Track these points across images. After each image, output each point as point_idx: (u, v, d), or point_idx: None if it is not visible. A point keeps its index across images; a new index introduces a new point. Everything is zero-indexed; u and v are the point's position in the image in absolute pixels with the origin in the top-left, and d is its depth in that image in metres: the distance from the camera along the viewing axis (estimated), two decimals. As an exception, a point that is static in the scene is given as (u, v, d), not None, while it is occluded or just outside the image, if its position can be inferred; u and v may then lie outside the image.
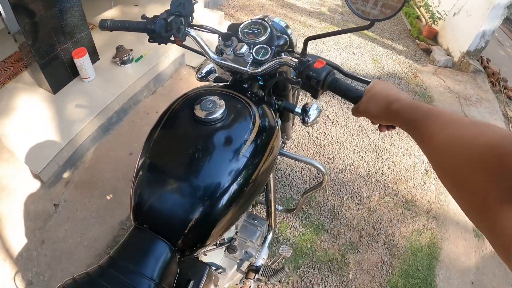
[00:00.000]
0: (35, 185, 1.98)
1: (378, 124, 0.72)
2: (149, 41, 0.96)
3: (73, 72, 2.34)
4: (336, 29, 3.91)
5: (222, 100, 0.83)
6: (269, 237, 1.42)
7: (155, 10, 3.21)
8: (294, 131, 2.48)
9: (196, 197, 0.73)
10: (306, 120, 1.06)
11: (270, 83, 1.05)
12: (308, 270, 1.81)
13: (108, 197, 1.99)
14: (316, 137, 2.48)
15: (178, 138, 0.81)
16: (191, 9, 0.98)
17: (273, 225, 1.45)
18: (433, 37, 3.92)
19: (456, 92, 3.06)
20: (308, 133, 2.47)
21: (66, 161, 2.05)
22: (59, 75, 2.26)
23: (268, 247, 1.39)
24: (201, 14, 3.20)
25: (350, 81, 1.33)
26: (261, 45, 0.95)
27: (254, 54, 0.94)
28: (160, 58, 2.66)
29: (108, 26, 0.98)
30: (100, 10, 3.14)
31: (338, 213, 2.05)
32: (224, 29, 1.03)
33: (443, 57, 3.45)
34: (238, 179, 0.77)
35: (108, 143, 2.27)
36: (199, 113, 0.80)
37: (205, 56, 1.00)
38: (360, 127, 2.60)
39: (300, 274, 1.79)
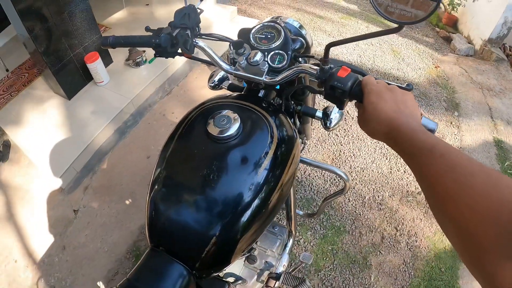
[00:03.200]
0: (54, 191, 2.00)
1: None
2: (155, 55, 0.90)
3: (87, 77, 2.34)
4: (353, 19, 3.80)
5: (236, 114, 0.78)
6: (289, 243, 1.38)
7: (167, 9, 3.18)
8: (313, 128, 2.42)
9: (215, 217, 0.70)
10: (328, 124, 1.01)
11: (289, 91, 1.00)
12: (329, 273, 1.78)
13: (127, 202, 2.00)
14: (336, 135, 2.42)
15: (193, 156, 0.77)
16: (197, 19, 0.91)
17: (293, 231, 1.41)
18: (453, 24, 3.75)
19: (479, 82, 2.92)
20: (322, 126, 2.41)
21: (84, 167, 2.07)
22: (73, 80, 2.27)
23: (288, 253, 1.36)
24: (212, 10, 3.15)
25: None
26: (276, 51, 0.89)
27: (269, 62, 0.88)
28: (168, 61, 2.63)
29: (110, 43, 0.90)
30: (111, 11, 3.13)
31: (360, 214, 2.00)
32: (236, 26, 0.96)
33: (464, 46, 3.30)
34: (259, 196, 0.73)
35: (125, 146, 2.28)
36: (212, 130, 0.75)
37: (215, 66, 0.95)
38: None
39: (321, 277, 1.76)
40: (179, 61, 2.68)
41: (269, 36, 0.93)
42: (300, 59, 0.95)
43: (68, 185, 2.01)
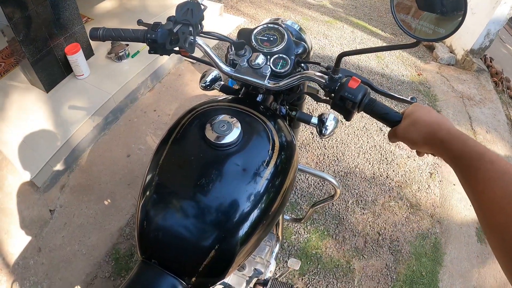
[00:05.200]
0: (29, 190, 1.89)
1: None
2: (149, 52, 0.84)
3: (67, 69, 2.23)
4: (338, 23, 3.82)
5: (235, 119, 0.74)
6: (276, 249, 1.37)
7: (153, 1, 3.08)
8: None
9: (214, 229, 0.66)
10: (323, 131, 0.99)
11: (290, 98, 0.98)
12: (313, 277, 1.77)
13: (106, 202, 1.92)
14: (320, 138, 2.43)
15: (189, 163, 0.72)
16: (201, 16, 0.85)
17: (280, 237, 1.40)
18: (436, 33, 3.85)
19: (460, 91, 3.01)
20: (312, 133, 2.41)
21: (61, 164, 1.97)
22: (52, 72, 2.15)
23: (275, 259, 1.35)
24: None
25: (382, 99, 1.26)
26: (279, 55, 0.87)
27: (272, 66, 0.85)
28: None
29: (100, 35, 0.84)
30: (95, 1, 3.00)
31: (343, 218, 2.01)
32: (224, 22, 0.92)
33: (446, 55, 3.40)
34: (260, 205, 0.70)
35: (105, 143, 2.19)
36: (211, 135, 0.71)
37: (213, 66, 0.91)
38: (364, 127, 2.54)
39: (305, 282, 1.75)
40: (163, 57, 2.60)
41: (271, 39, 0.90)
42: (302, 64, 0.93)
43: (44, 183, 1.91)
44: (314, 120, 0.98)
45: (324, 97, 0.79)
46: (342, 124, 2.54)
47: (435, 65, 3.39)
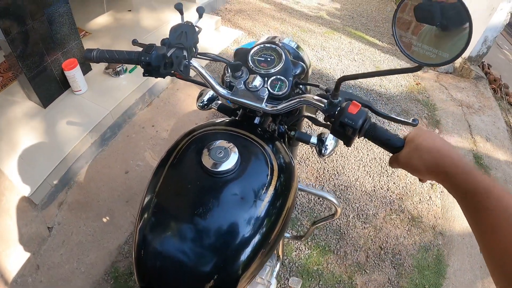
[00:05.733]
0: (27, 206, 1.88)
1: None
2: (144, 75, 0.81)
3: (64, 85, 2.23)
4: (336, 34, 3.84)
5: (232, 144, 0.73)
6: (277, 268, 1.35)
7: (150, 17, 3.10)
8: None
9: (214, 257, 0.64)
10: (323, 151, 0.98)
11: (289, 121, 0.97)
12: (314, 294, 1.75)
13: (104, 220, 1.90)
14: (319, 151, 2.42)
15: (186, 190, 0.71)
16: (195, 39, 0.84)
17: (281, 256, 1.38)
18: (433, 41, 3.86)
19: (459, 100, 3.01)
20: (311, 147, 2.40)
21: (59, 181, 1.95)
22: (49, 87, 2.15)
23: (276, 277, 1.32)
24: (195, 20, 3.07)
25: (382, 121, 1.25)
26: (276, 77, 0.85)
27: (269, 88, 0.84)
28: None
29: (94, 57, 0.82)
30: (92, 16, 3.02)
31: (344, 233, 1.99)
32: (221, 36, 0.92)
33: (444, 63, 3.40)
34: (260, 231, 0.68)
35: (103, 160, 2.17)
36: (208, 162, 0.69)
37: (209, 87, 0.89)
38: (365, 139, 2.53)
39: (306, 299, 1.73)
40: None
41: (268, 59, 0.88)
42: (301, 86, 0.91)
43: (42, 200, 1.89)
44: (314, 139, 0.98)
45: (324, 121, 0.77)
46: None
47: (433, 73, 3.40)
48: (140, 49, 0.80)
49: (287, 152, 0.86)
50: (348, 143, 0.69)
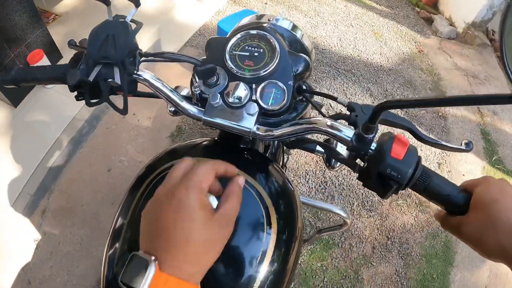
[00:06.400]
0: (9, 220, 1.72)
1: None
2: (77, 99, 0.57)
3: (34, 78, 1.99)
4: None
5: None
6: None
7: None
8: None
9: None
10: (332, 163, 0.80)
11: (293, 146, 0.76)
12: (319, 291, 1.67)
13: (90, 226, 1.77)
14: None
15: None
16: (131, 42, 0.55)
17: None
18: (433, 4, 3.58)
19: (464, 69, 2.82)
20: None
21: (38, 188, 1.79)
22: (17, 84, 1.91)
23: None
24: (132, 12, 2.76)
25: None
26: (270, 81, 0.57)
27: (259, 100, 0.57)
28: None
29: (11, 79, 0.59)
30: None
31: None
32: (202, 7, 0.60)
33: (446, 28, 3.16)
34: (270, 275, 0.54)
35: (83, 158, 1.99)
36: None
37: (174, 106, 0.63)
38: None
39: (311, 297, 1.65)
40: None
41: (256, 54, 0.60)
42: (308, 94, 0.62)
43: (23, 211, 1.74)
44: (320, 149, 0.73)
45: (347, 158, 0.55)
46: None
47: (436, 39, 3.17)
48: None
49: (284, 178, 0.67)
50: (384, 195, 0.48)
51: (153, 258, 0.35)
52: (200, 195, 0.38)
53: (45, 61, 1.90)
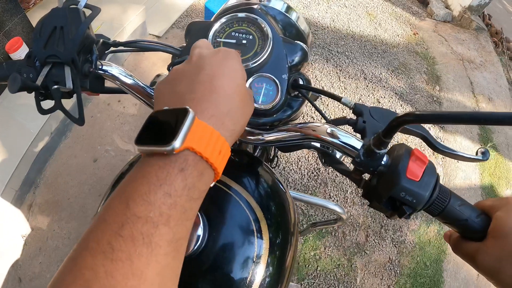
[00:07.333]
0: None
1: None
2: (37, 105, 0.50)
3: (14, 68, 1.90)
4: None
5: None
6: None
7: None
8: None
9: None
10: (328, 161, 0.76)
11: (288, 150, 0.70)
12: (313, 281, 1.66)
13: (77, 219, 1.73)
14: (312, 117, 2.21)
15: None
16: (84, 35, 0.47)
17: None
18: (429, -16, 3.49)
19: (459, 53, 2.76)
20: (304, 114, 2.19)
21: (23, 183, 1.73)
22: (-3, 74, 1.83)
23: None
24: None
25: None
26: (260, 75, 0.51)
27: None
28: (115, 32, 2.20)
29: None
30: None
31: (342, 213, 1.87)
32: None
33: (442, 11, 3.09)
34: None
35: (67, 149, 1.93)
36: None
37: (147, 105, 0.57)
38: (360, 100, 2.32)
39: (304, 287, 1.64)
40: (122, 36, 2.27)
41: (244, 42, 0.53)
42: (304, 90, 0.55)
43: (9, 208, 1.69)
44: (316, 143, 0.71)
45: (353, 174, 0.45)
46: (331, 103, 2.31)
47: (431, 22, 3.10)
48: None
49: (276, 180, 0.62)
50: (392, 217, 0.41)
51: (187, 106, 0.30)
52: None
53: (24, 50, 1.81)
